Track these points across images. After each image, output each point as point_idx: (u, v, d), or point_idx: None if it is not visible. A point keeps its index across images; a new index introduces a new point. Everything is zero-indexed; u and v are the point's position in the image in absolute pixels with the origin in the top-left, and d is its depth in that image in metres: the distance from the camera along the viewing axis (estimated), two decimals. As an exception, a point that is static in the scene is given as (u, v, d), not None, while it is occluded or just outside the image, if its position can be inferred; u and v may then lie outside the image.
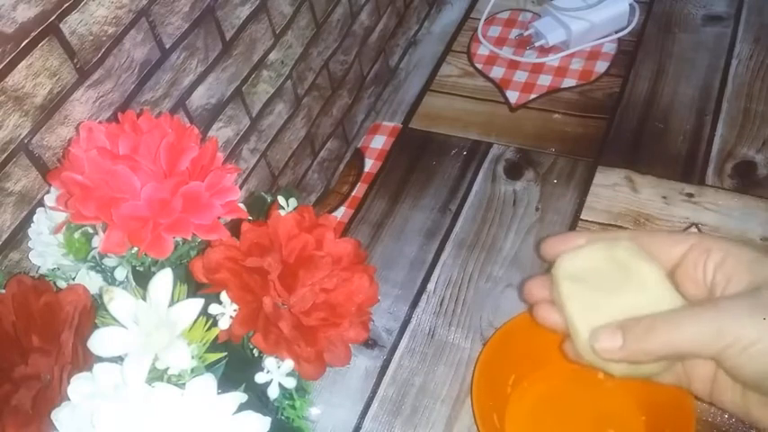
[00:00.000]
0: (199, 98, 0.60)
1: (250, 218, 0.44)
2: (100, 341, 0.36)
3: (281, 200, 0.47)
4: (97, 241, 0.43)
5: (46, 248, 0.45)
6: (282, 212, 0.45)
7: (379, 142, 0.91)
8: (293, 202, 0.47)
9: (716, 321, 0.33)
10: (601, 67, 0.95)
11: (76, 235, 0.44)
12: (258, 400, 0.41)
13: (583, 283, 0.39)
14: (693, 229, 0.75)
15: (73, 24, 0.45)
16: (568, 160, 0.84)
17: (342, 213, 0.84)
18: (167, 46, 0.55)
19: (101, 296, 0.38)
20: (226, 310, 0.40)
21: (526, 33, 0.99)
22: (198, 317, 0.38)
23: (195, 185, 0.41)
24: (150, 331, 0.37)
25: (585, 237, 0.41)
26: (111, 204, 0.39)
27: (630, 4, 0.97)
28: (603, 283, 0.39)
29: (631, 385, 0.62)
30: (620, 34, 0.98)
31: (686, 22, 0.98)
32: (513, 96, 0.94)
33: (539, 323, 0.42)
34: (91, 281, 0.44)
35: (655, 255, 0.39)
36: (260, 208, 0.49)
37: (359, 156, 0.90)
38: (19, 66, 0.42)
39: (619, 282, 0.38)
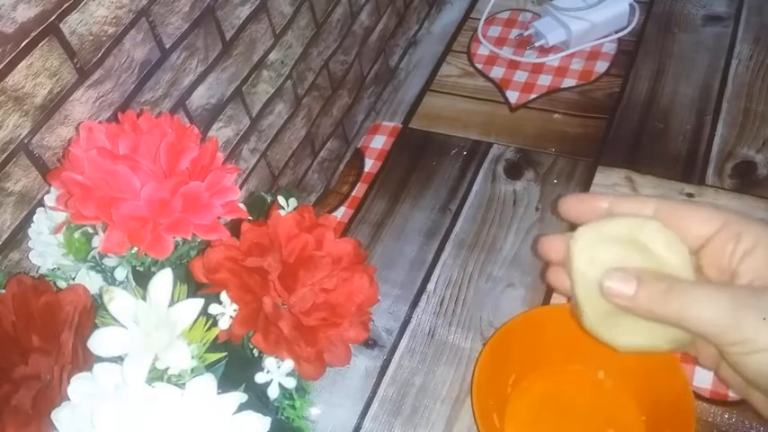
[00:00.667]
0: (199, 98, 0.60)
1: (250, 218, 0.44)
2: (100, 341, 0.36)
3: (281, 200, 0.47)
4: (97, 241, 0.43)
5: (46, 248, 0.45)
6: (282, 212, 0.45)
7: (379, 142, 0.91)
8: (293, 202, 0.47)
9: (735, 313, 0.32)
10: (601, 67, 0.95)
11: (76, 235, 0.44)
12: (258, 400, 0.41)
13: (597, 263, 0.37)
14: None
15: (73, 24, 0.45)
16: (568, 160, 0.84)
17: (342, 213, 0.84)
18: (167, 46, 0.55)
19: (101, 296, 0.38)
20: (226, 310, 0.40)
21: (526, 33, 0.99)
22: (198, 317, 0.38)
23: (195, 185, 0.41)
24: (150, 331, 0.37)
25: (608, 200, 0.39)
26: (111, 204, 0.39)
27: (630, 4, 0.97)
28: (619, 265, 0.37)
29: (631, 385, 0.62)
30: (620, 34, 0.98)
31: (686, 22, 0.98)
32: (513, 96, 0.94)
33: (549, 284, 0.41)
34: (91, 281, 0.44)
35: (682, 230, 0.36)
36: (260, 208, 0.49)
37: (359, 156, 0.90)
38: (19, 66, 0.43)
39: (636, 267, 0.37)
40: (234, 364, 0.40)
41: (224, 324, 0.40)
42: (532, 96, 0.93)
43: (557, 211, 0.41)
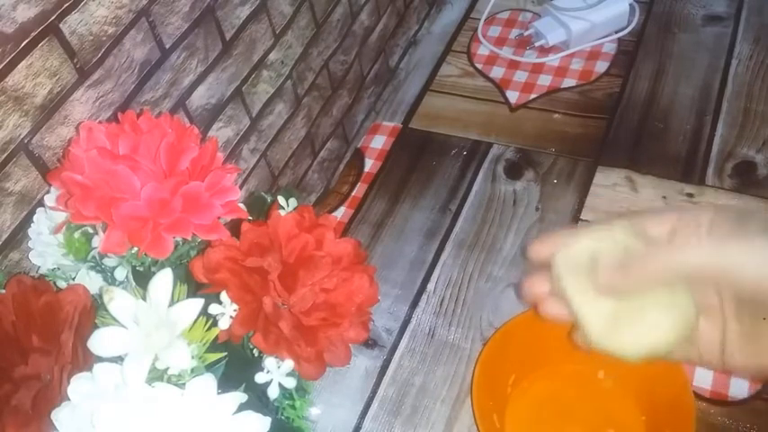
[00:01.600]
0: (199, 98, 0.60)
1: (250, 218, 0.44)
2: (100, 341, 0.36)
3: (281, 200, 0.47)
4: (97, 241, 0.43)
5: (46, 248, 0.45)
6: (282, 212, 0.45)
7: (379, 142, 0.91)
8: (293, 202, 0.47)
9: (719, 244, 0.34)
10: (601, 67, 0.95)
11: (76, 235, 0.44)
12: (258, 400, 0.41)
13: (586, 273, 0.38)
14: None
15: (73, 24, 0.45)
16: (568, 160, 0.84)
17: (342, 213, 0.84)
18: (167, 46, 0.55)
19: (101, 296, 0.38)
20: (226, 310, 0.40)
21: (526, 33, 0.99)
22: (198, 317, 0.38)
23: (195, 185, 0.41)
24: (150, 331, 0.37)
25: (574, 235, 0.40)
26: (111, 204, 0.39)
27: (630, 4, 0.97)
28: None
29: (631, 385, 0.62)
30: (620, 34, 0.98)
31: (686, 22, 0.98)
32: (513, 96, 0.94)
33: (546, 318, 0.42)
34: (91, 281, 0.44)
35: (648, 233, 0.38)
36: (260, 208, 0.49)
37: (359, 156, 0.90)
38: (19, 66, 0.43)
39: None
40: (234, 364, 0.40)
41: (224, 324, 0.40)
42: (532, 96, 0.93)
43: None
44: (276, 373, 0.41)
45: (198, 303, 0.38)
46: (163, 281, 0.38)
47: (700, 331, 0.38)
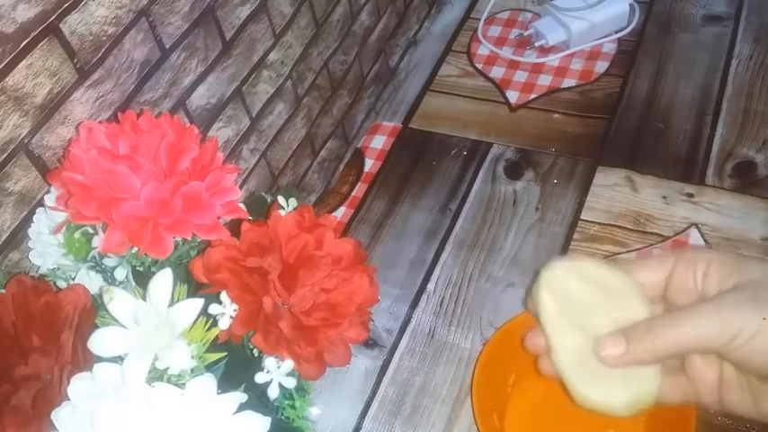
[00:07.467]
0: (199, 98, 0.60)
1: (250, 218, 0.44)
2: (100, 341, 0.36)
3: (281, 200, 0.47)
4: (97, 241, 0.43)
5: (46, 248, 0.45)
6: (282, 212, 0.45)
7: (379, 142, 0.91)
8: (293, 202, 0.47)
9: (718, 315, 0.35)
10: (601, 67, 0.95)
11: (76, 235, 0.44)
12: (258, 400, 0.41)
13: (567, 302, 0.41)
14: (693, 230, 0.75)
15: (73, 24, 0.45)
16: (568, 160, 0.84)
17: (342, 213, 0.84)
18: (167, 46, 0.55)
19: (101, 296, 0.38)
20: (226, 310, 0.40)
21: (526, 33, 0.99)
22: (198, 317, 0.38)
23: (195, 185, 0.41)
24: (150, 331, 0.37)
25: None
26: (111, 204, 0.39)
27: (630, 4, 0.97)
28: (585, 309, 0.40)
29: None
30: (620, 34, 0.98)
31: (686, 22, 0.98)
32: (513, 96, 0.94)
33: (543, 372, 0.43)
34: (91, 281, 0.44)
35: (641, 281, 0.40)
36: (260, 208, 0.49)
37: (359, 156, 0.90)
38: (19, 66, 0.43)
39: (602, 303, 0.40)
40: (234, 364, 0.40)
41: (224, 324, 0.40)
42: (532, 96, 0.93)
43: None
44: (276, 373, 0.41)
45: (198, 303, 0.38)
46: (163, 281, 0.38)
47: (696, 370, 0.39)
